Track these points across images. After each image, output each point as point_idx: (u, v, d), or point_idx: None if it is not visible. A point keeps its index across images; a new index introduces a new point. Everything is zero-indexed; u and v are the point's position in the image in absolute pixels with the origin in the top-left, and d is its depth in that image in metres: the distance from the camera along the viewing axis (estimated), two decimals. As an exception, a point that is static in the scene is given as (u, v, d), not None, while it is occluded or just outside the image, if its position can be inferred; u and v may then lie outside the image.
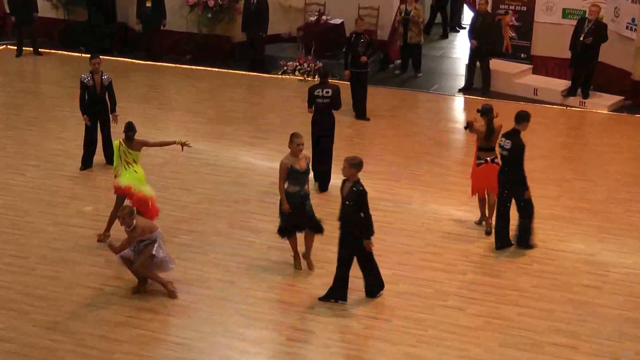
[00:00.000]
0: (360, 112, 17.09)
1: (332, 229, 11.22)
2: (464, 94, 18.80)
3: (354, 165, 10.42)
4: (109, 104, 14.40)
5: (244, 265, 11.54)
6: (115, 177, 12.06)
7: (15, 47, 21.05)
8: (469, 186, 12.85)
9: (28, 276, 11.31)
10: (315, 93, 13.82)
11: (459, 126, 17.01)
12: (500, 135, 12.03)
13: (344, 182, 10.59)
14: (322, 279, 11.21)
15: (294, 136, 11.25)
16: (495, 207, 12.19)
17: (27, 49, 21.01)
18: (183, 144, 12.18)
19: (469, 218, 12.99)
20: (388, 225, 12.78)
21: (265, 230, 12.39)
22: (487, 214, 12.64)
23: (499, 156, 12.17)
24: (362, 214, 10.40)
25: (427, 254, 12.03)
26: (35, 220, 12.83)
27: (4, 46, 21.65)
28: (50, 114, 17.07)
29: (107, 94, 14.30)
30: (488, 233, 12.49)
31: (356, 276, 11.27)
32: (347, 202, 10.44)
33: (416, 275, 11.47)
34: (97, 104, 14.30)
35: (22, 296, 10.84)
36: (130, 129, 12.00)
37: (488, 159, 12.43)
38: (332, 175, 13.65)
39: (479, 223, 12.81)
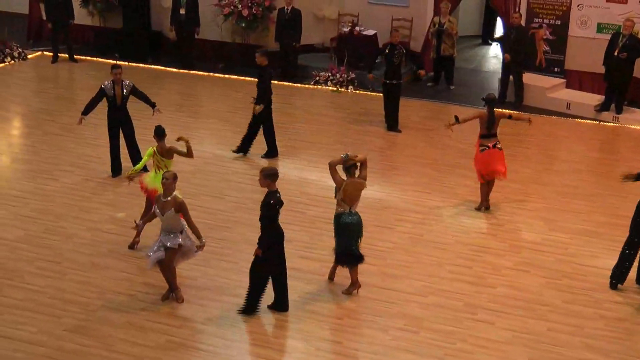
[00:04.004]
0: (392, 123, 17.08)
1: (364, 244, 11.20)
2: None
3: (268, 176, 10.36)
4: (130, 115, 14.45)
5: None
6: (136, 171, 12.36)
7: (51, 54, 21.29)
8: (499, 199, 12.91)
9: (60, 281, 11.42)
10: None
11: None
12: None
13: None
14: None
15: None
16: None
17: (63, 55, 21.24)
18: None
19: (499, 231, 12.97)
20: (418, 237, 12.78)
21: (295, 239, 12.37)
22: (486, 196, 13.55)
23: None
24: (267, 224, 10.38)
25: (456, 266, 12.00)
26: (69, 225, 12.94)
27: (40, 52, 21.87)
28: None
29: (131, 99, 14.29)
30: (479, 209, 13.52)
31: (380, 287, 11.31)
32: (261, 211, 10.45)
33: (445, 287, 11.45)
34: (118, 114, 14.35)
35: (54, 300, 10.94)
36: (158, 129, 12.15)
37: (489, 145, 13.33)
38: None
39: (478, 208, 13.49)
